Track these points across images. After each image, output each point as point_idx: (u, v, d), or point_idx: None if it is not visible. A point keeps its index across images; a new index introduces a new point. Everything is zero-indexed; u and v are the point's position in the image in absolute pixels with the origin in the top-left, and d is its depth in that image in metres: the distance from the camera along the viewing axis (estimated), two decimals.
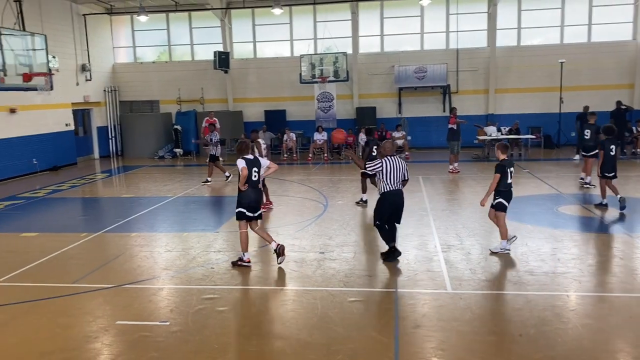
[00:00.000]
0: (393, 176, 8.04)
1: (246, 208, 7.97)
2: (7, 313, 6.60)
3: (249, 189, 7.97)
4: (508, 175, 8.27)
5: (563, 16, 22.49)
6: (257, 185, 8.05)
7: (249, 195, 7.97)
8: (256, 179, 7.98)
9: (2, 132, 17.76)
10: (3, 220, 12.17)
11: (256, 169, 7.97)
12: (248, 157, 8.02)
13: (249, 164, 7.92)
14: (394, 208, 8.16)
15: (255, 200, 8.04)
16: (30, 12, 18.16)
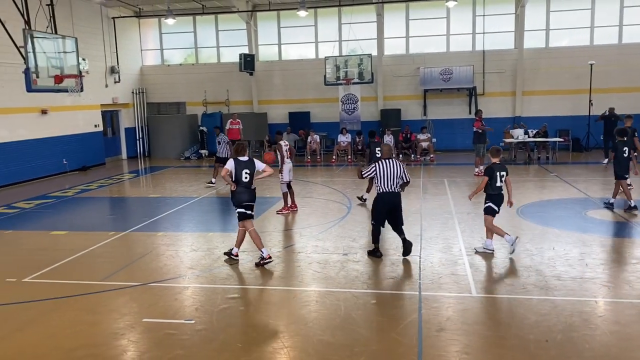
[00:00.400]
0: (387, 179, 8.26)
1: (243, 207, 8.29)
2: (37, 309, 6.76)
3: (241, 189, 8.24)
4: (497, 178, 8.43)
5: (593, 17, 22.06)
6: (248, 186, 8.27)
7: (241, 195, 8.25)
8: (247, 180, 8.21)
9: (33, 132, 18.20)
10: (34, 219, 12.47)
11: (247, 170, 8.20)
12: (242, 158, 8.27)
13: (240, 165, 8.18)
14: (388, 209, 8.38)
15: (247, 200, 8.30)
16: (62, 16, 18.59)
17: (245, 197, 8.28)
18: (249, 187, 8.29)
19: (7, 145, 17.03)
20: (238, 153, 8.34)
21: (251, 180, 8.28)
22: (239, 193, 8.25)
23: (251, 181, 8.29)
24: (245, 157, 8.32)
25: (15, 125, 17.35)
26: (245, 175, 8.20)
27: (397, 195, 8.41)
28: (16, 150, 17.37)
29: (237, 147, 8.43)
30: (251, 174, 8.26)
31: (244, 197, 8.28)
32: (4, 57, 16.29)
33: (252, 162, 8.35)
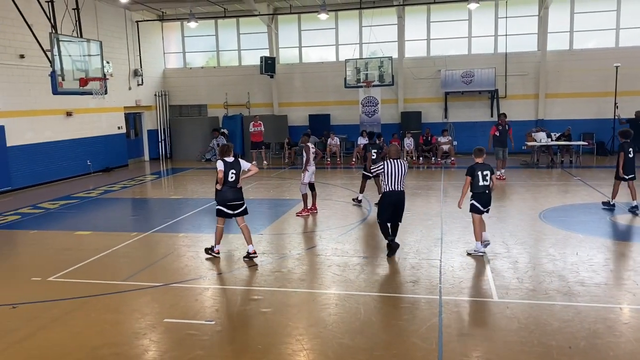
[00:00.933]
0: (393, 178, 8.61)
1: (224, 206, 8.67)
2: (61, 308, 6.88)
3: (226, 188, 8.59)
4: (479, 178, 8.60)
5: (618, 18, 21.68)
6: (234, 185, 8.61)
7: (225, 194, 8.62)
8: (233, 179, 8.56)
9: (59, 134, 18.55)
10: (59, 219, 12.70)
11: (234, 170, 8.57)
12: (228, 159, 8.60)
13: (227, 166, 8.53)
14: (393, 207, 8.72)
15: (231, 199, 8.64)
16: (87, 20, 18.92)
17: (230, 195, 8.65)
18: (234, 187, 8.64)
19: (33, 146, 17.38)
20: (224, 154, 8.69)
21: (237, 179, 8.64)
22: (225, 192, 8.62)
23: (237, 181, 8.65)
24: (231, 158, 8.67)
25: (41, 127, 17.70)
26: (231, 175, 8.57)
27: (401, 194, 8.74)
28: (42, 151, 17.72)
29: (223, 148, 8.79)
30: (237, 174, 8.64)
31: (229, 196, 8.64)
32: (32, 61, 16.68)
33: (238, 162, 8.72)
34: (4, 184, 16.14)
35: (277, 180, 17.81)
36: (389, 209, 8.73)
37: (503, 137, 16.15)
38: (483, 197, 8.66)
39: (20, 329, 6.25)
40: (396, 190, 8.67)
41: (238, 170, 8.64)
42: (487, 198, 8.72)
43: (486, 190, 8.68)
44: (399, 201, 8.74)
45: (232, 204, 8.66)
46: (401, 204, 8.78)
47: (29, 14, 14.33)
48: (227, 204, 8.66)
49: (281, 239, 10.21)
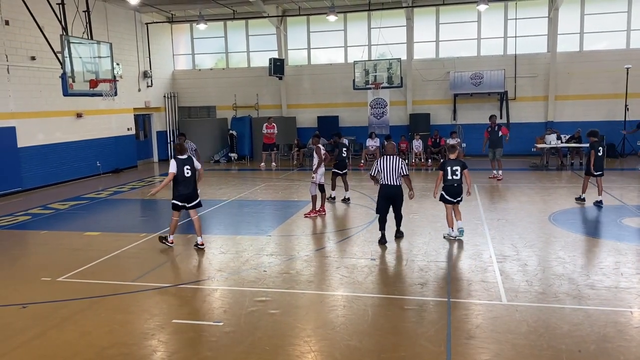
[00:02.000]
0: (386, 173, 9.34)
1: (178, 199, 9.33)
2: (70, 308, 6.93)
3: (181, 183, 9.25)
4: (448, 172, 9.54)
5: (629, 20, 21.52)
6: (190, 180, 9.30)
7: (179, 189, 9.27)
8: (189, 175, 9.24)
9: (69, 135, 18.68)
10: (68, 220, 12.79)
11: (188, 166, 9.27)
12: (182, 157, 9.32)
13: (180, 163, 9.24)
14: (387, 199, 9.44)
15: (186, 194, 9.30)
16: (98, 22, 19.04)
17: (185, 190, 9.29)
18: (189, 182, 9.30)
19: (44, 147, 17.52)
20: (178, 152, 9.41)
21: (193, 175, 9.31)
22: (180, 187, 9.28)
23: (193, 177, 9.33)
24: (185, 156, 9.37)
25: (51, 128, 17.84)
26: (186, 171, 9.24)
27: (396, 188, 9.41)
28: (52, 152, 17.86)
29: (177, 147, 9.59)
30: (192, 170, 9.30)
31: (184, 191, 9.28)
32: (42, 62, 16.83)
33: (191, 159, 9.42)
34: (15, 184, 16.29)
35: (285, 181, 17.83)
36: (383, 201, 9.47)
37: (494, 138, 16.48)
38: (452, 190, 9.61)
39: (30, 328, 6.30)
40: (389, 184, 9.37)
41: (192, 166, 9.30)
42: (456, 190, 9.64)
43: (454, 184, 9.58)
44: (393, 194, 9.41)
45: (186, 197, 9.31)
46: (397, 198, 9.45)
47: (40, 16, 14.46)
48: (181, 198, 9.30)
49: (289, 240, 10.22)
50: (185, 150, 9.52)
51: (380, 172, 9.40)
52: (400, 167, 9.32)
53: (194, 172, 9.37)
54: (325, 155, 12.09)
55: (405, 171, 9.38)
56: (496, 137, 16.49)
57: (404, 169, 9.36)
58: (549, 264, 8.14)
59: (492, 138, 16.55)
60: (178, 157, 9.31)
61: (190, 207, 9.45)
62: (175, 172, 9.18)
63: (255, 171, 20.41)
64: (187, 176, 9.23)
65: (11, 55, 16.21)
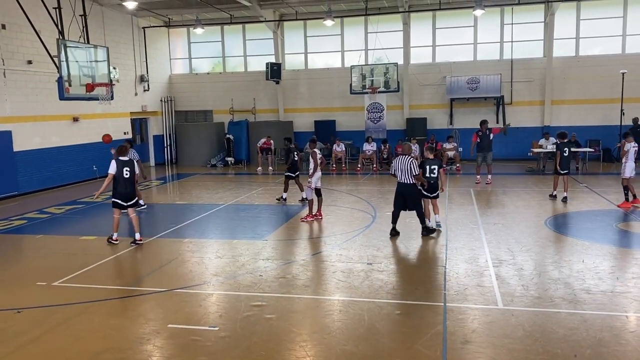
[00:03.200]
0: (399, 172, 10.10)
1: (119, 198, 9.97)
2: (65, 313, 6.89)
3: (120, 184, 9.88)
4: (427, 170, 10.40)
5: (625, 25, 21.63)
6: (128, 181, 9.92)
7: (119, 188, 9.90)
8: (127, 176, 9.90)
9: (65, 139, 18.65)
10: (64, 224, 12.76)
11: (127, 168, 9.90)
12: (123, 158, 9.94)
13: (120, 164, 9.86)
14: (401, 196, 10.18)
15: (125, 193, 9.95)
16: (94, 26, 19.07)
17: (124, 190, 9.92)
18: (129, 183, 9.94)
19: (40, 151, 17.48)
20: (120, 154, 10.00)
21: (132, 177, 9.93)
22: (119, 187, 9.88)
23: (132, 178, 9.94)
24: (126, 158, 10.03)
25: (47, 132, 17.81)
26: (125, 172, 9.87)
27: (408, 186, 10.06)
28: (48, 156, 17.81)
29: (120, 148, 10.10)
30: (131, 172, 9.91)
31: (123, 190, 9.91)
32: (39, 66, 16.81)
33: (132, 162, 10.05)
34: (10, 188, 16.24)
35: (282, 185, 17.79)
36: (396, 197, 10.25)
37: (484, 143, 16.54)
38: (430, 186, 10.43)
39: (24, 333, 6.26)
40: (402, 182, 10.09)
41: (131, 168, 9.94)
42: (433, 187, 10.50)
43: (431, 181, 10.39)
44: (405, 192, 10.10)
45: (124, 197, 9.94)
46: (409, 195, 10.10)
47: (36, 20, 14.47)
48: (120, 197, 9.94)
49: (286, 245, 10.21)
50: (126, 152, 10.13)
51: (396, 172, 10.17)
52: (410, 167, 9.95)
53: (133, 173, 10.03)
54: (322, 160, 12.11)
55: (415, 171, 9.97)
56: (487, 142, 16.57)
57: (414, 169, 9.95)
58: (545, 268, 8.14)
59: (482, 143, 16.60)
60: (119, 159, 9.95)
61: (129, 206, 10.10)
62: (114, 172, 9.83)
63: (252, 175, 20.40)
64: (126, 177, 9.90)
65: (7, 59, 16.20)
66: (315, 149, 12.15)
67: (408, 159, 10.01)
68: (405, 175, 9.99)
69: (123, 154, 10.05)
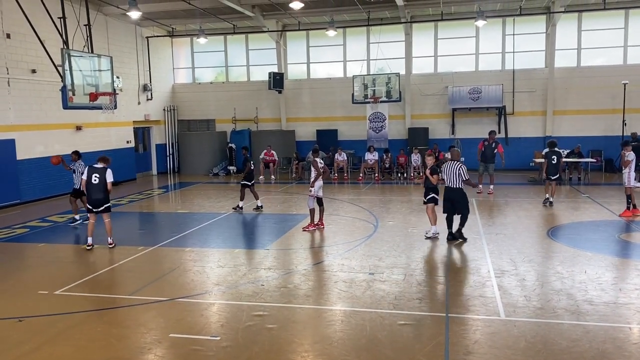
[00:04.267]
0: (447, 177, 10.54)
1: (89, 203, 10.50)
2: (66, 322, 6.88)
3: (90, 189, 10.35)
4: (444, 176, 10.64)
5: (626, 36, 21.71)
6: (97, 187, 10.32)
7: (89, 194, 10.40)
8: (96, 182, 10.30)
9: (69, 148, 18.58)
10: (66, 233, 12.77)
11: (97, 174, 10.31)
12: (97, 165, 10.42)
13: (90, 170, 10.38)
14: (448, 200, 10.58)
15: (93, 199, 10.39)
16: (98, 35, 19.16)
17: (93, 195, 10.36)
18: (98, 189, 10.33)
19: (43, 160, 17.51)
20: (96, 161, 10.49)
21: (100, 183, 10.30)
22: (90, 193, 10.38)
23: (100, 185, 10.30)
24: (100, 165, 10.45)
25: (51, 140, 17.87)
26: (94, 178, 10.31)
27: (456, 191, 10.50)
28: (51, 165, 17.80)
29: (101, 157, 10.63)
30: (100, 178, 10.30)
31: (93, 196, 10.37)
32: (43, 76, 16.91)
33: (104, 170, 10.39)
34: (13, 196, 16.27)
35: (284, 195, 17.83)
36: (445, 202, 10.64)
37: (488, 153, 16.81)
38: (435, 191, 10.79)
39: (26, 342, 6.25)
40: (450, 187, 10.55)
41: (101, 175, 10.30)
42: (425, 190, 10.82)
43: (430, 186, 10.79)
44: (453, 196, 10.52)
45: (93, 202, 10.38)
46: (456, 199, 10.52)
47: (41, 30, 14.56)
48: (90, 202, 10.43)
49: (287, 254, 10.20)
50: (103, 161, 10.55)
51: (445, 176, 10.57)
52: (459, 173, 10.41)
53: (102, 180, 10.34)
54: (324, 169, 12.13)
55: (464, 176, 10.44)
56: (491, 152, 16.80)
57: (463, 174, 10.42)
58: (548, 279, 8.12)
59: (486, 152, 16.83)
60: (92, 165, 10.48)
61: (101, 212, 10.47)
62: (85, 177, 10.38)
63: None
64: (94, 183, 10.30)
65: (12, 68, 16.30)
66: (317, 158, 12.17)
67: (457, 164, 10.47)
68: (454, 180, 10.45)
69: (98, 162, 10.53)
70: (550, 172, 14.22)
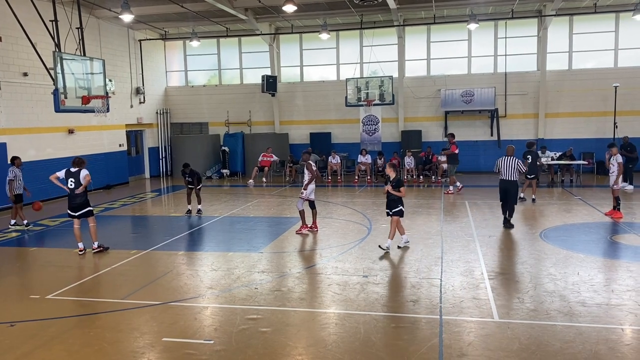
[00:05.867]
0: (503, 170, 12.00)
1: (69, 209, 10.40)
2: (59, 326, 6.84)
3: (69, 196, 10.28)
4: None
5: (617, 39, 21.88)
6: (73, 192, 10.21)
7: (69, 199, 10.33)
8: (72, 187, 10.20)
9: (60, 151, 18.59)
10: (58, 237, 12.69)
11: (72, 179, 10.18)
12: (72, 169, 10.26)
13: (68, 174, 10.22)
14: (501, 191, 12.14)
15: (71, 204, 10.31)
16: (91, 38, 19.10)
17: (70, 200, 10.30)
18: (72, 193, 10.22)
19: (35, 163, 17.41)
20: (72, 164, 10.35)
21: (76, 187, 10.16)
22: (68, 198, 10.34)
23: (76, 188, 10.16)
24: (75, 169, 10.27)
25: (42, 144, 17.77)
26: (70, 183, 10.21)
27: (510, 182, 11.96)
28: (43, 168, 17.71)
29: (74, 160, 10.47)
30: (76, 182, 10.15)
31: (69, 201, 10.32)
32: (35, 79, 16.83)
33: (77, 173, 10.21)
34: (4, 200, 16.12)
35: (277, 198, 17.81)
36: (500, 191, 12.16)
37: (453, 155, 17.86)
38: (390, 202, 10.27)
39: (17, 347, 6.20)
40: (505, 179, 11.99)
41: (77, 179, 10.14)
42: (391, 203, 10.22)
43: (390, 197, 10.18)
44: (507, 187, 11.98)
45: (71, 207, 10.33)
46: (508, 189, 11.98)
47: (32, 33, 14.48)
48: (69, 206, 10.36)
49: (281, 257, 10.19)
50: (77, 164, 10.35)
51: (500, 169, 12.00)
52: (516, 166, 11.87)
53: (79, 184, 10.20)
54: (317, 172, 12.14)
55: (522, 169, 12.07)
56: (454, 154, 17.93)
57: (521, 167, 11.97)
58: (541, 281, 8.15)
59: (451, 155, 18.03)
60: (68, 169, 10.33)
61: (79, 216, 10.42)
62: (61, 176, 10.30)
63: (247, 187, 20.37)
64: (70, 187, 10.21)
65: (3, 71, 16.20)
66: (310, 160, 12.18)
67: (514, 159, 11.94)
68: (510, 172, 11.88)
69: (74, 165, 10.35)
70: (530, 172, 15.12)
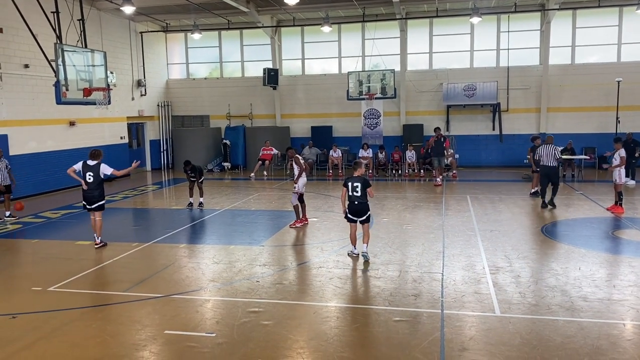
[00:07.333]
0: (545, 157, 13.28)
1: (85, 200, 10.34)
2: (60, 318, 6.85)
3: (86, 188, 10.21)
4: (349, 189, 9.25)
5: (620, 34, 21.79)
6: (91, 184, 10.17)
7: (85, 193, 10.28)
8: (90, 181, 10.16)
9: (62, 143, 18.59)
10: (60, 229, 12.70)
11: (91, 173, 10.14)
12: (90, 162, 10.19)
13: (85, 167, 10.17)
14: (544, 176, 13.47)
15: (86, 196, 10.28)
16: (92, 30, 19.06)
17: (86, 194, 10.25)
18: (92, 187, 10.18)
19: (36, 155, 17.43)
20: (89, 157, 10.29)
21: (94, 182, 10.15)
22: (83, 190, 10.25)
23: (94, 183, 10.16)
24: (94, 162, 10.20)
25: (44, 136, 17.76)
26: (88, 177, 10.15)
27: (551, 168, 13.29)
28: (44, 160, 17.74)
29: (91, 152, 10.40)
30: (95, 176, 10.13)
31: (85, 194, 10.28)
32: (36, 70, 16.79)
33: (98, 166, 10.16)
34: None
35: (278, 191, 17.81)
36: (542, 177, 13.58)
37: (439, 149, 18.08)
38: (352, 207, 9.28)
39: (19, 339, 6.22)
40: (546, 165, 13.29)
41: (95, 172, 10.12)
42: (356, 208, 9.25)
43: (355, 201, 9.23)
44: (548, 173, 13.34)
45: (86, 199, 10.28)
46: (551, 174, 13.35)
47: (34, 24, 14.44)
48: (84, 199, 10.32)
49: (282, 250, 10.19)
50: (95, 157, 10.28)
51: (542, 157, 13.31)
52: (555, 153, 13.18)
53: (97, 178, 10.18)
54: (306, 165, 12.19)
55: (558, 155, 13.27)
56: (441, 148, 18.10)
57: (557, 154, 13.21)
58: (542, 276, 8.15)
59: (437, 148, 18.08)
60: (85, 162, 10.25)
61: (93, 209, 10.34)
62: (77, 169, 10.23)
63: (248, 180, 20.37)
64: (89, 181, 10.16)
65: (4, 62, 16.16)
66: (297, 155, 12.21)
67: (552, 147, 13.26)
68: (549, 159, 13.19)
69: (92, 158, 10.30)
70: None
